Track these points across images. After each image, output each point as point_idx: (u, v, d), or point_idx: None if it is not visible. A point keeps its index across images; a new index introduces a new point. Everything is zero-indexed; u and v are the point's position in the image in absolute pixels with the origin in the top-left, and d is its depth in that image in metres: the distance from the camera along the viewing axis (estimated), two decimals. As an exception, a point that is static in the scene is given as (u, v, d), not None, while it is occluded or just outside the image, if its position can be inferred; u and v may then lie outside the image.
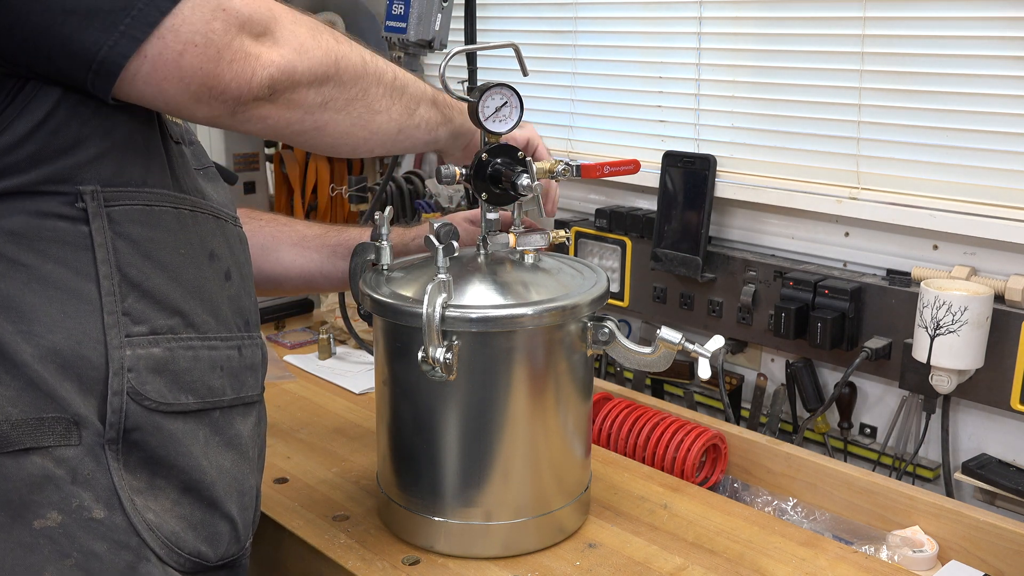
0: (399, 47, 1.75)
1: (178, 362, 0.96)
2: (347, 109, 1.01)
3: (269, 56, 0.90)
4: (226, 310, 1.04)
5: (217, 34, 0.87)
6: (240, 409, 1.05)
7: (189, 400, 0.97)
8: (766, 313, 1.68)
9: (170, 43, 0.85)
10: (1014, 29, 1.40)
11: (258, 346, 1.11)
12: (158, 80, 0.87)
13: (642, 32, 1.89)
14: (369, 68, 1.03)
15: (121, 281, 0.92)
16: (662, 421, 1.53)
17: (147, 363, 0.94)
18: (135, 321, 0.93)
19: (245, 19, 0.88)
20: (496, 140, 1.20)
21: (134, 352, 0.93)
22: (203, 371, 0.99)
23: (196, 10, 0.86)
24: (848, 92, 1.59)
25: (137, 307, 0.94)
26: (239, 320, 1.07)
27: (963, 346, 1.41)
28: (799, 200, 1.66)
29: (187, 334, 0.98)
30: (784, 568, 1.20)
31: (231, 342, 1.04)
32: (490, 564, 1.20)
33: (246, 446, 1.06)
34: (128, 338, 0.92)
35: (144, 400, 0.93)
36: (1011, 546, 1.24)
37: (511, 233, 1.24)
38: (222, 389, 1.02)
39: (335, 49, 0.98)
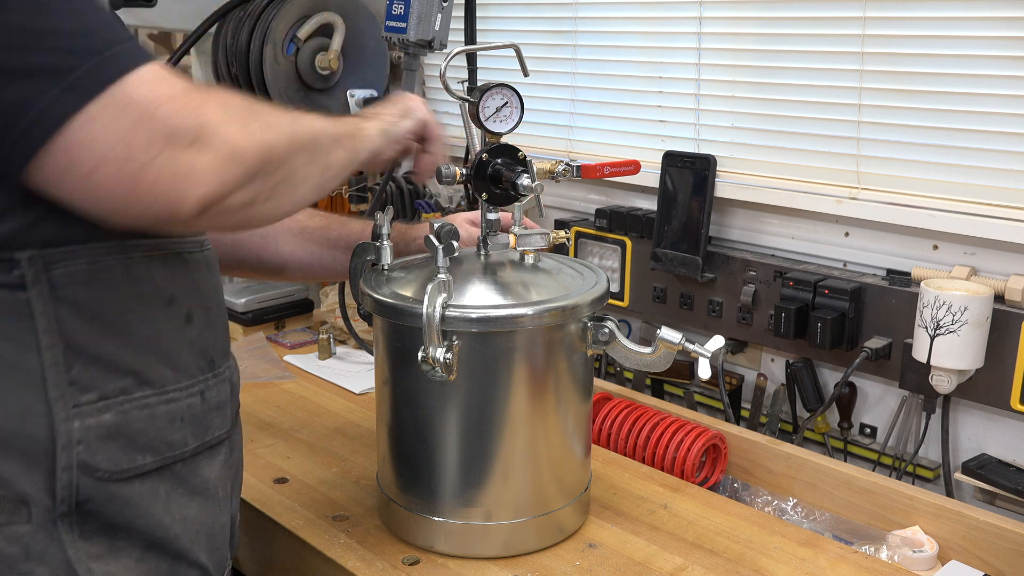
0: (399, 47, 1.75)
1: (132, 424, 0.91)
2: (272, 196, 0.90)
3: (201, 173, 0.79)
4: (186, 356, 0.98)
5: (139, 148, 0.76)
6: (205, 454, 1.00)
7: (147, 460, 0.93)
8: (766, 313, 1.68)
9: (76, 157, 0.76)
10: (1014, 29, 1.40)
11: (225, 380, 1.05)
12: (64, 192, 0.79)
13: (642, 32, 1.88)
14: (294, 143, 0.91)
15: (65, 350, 0.87)
16: (662, 421, 1.53)
17: (98, 432, 0.89)
18: (83, 390, 0.88)
19: (172, 129, 0.77)
20: (496, 140, 1.20)
21: (83, 423, 0.88)
22: (161, 428, 0.94)
23: (115, 120, 0.76)
24: (848, 92, 1.59)
25: (84, 375, 0.88)
26: (202, 362, 1.01)
27: (963, 346, 1.41)
28: (799, 200, 1.66)
29: (141, 392, 0.92)
30: (784, 568, 1.20)
31: (193, 389, 0.98)
32: (490, 564, 1.20)
33: (213, 488, 1.01)
34: (76, 408, 0.87)
35: (96, 472, 0.89)
36: (1011, 546, 1.24)
37: (511, 233, 1.24)
38: (183, 441, 0.97)
39: (264, 139, 0.86)
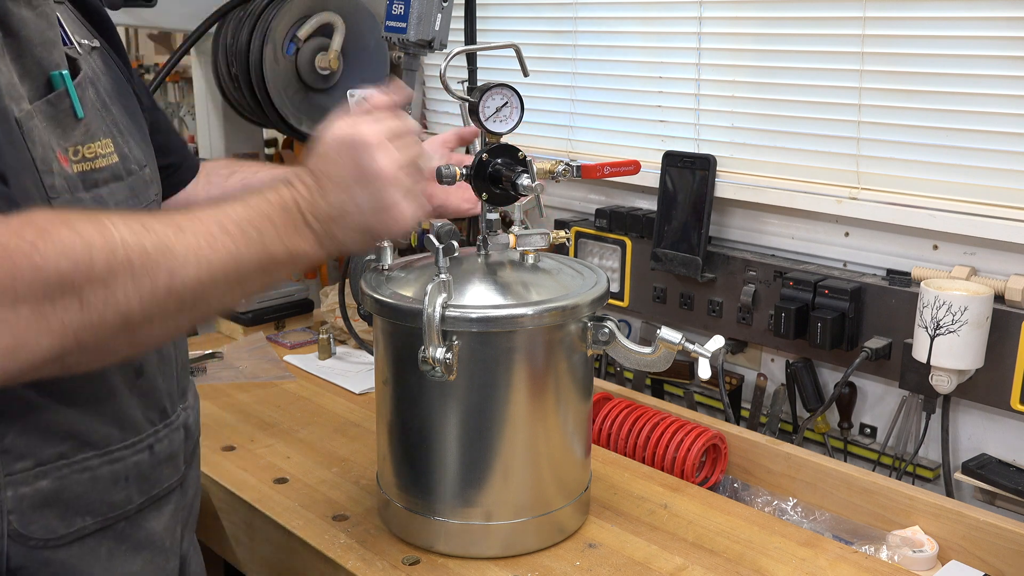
0: (399, 47, 1.75)
1: (71, 489, 0.88)
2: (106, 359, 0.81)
3: None
4: (134, 412, 0.94)
5: None
6: (152, 508, 0.97)
7: (86, 522, 0.90)
8: (766, 313, 1.68)
9: None
10: (1014, 29, 1.40)
11: (179, 427, 1.00)
12: None
13: (642, 32, 1.88)
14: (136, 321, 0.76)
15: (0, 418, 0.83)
16: (662, 421, 1.53)
17: (32, 500, 0.85)
18: (16, 457, 0.84)
19: None
20: (496, 140, 1.20)
21: (16, 492, 0.84)
22: (103, 489, 0.91)
23: None
24: (848, 92, 1.59)
25: (18, 442, 0.84)
26: (152, 414, 0.97)
27: (963, 346, 1.41)
28: (799, 200, 1.66)
29: (83, 455, 0.88)
30: (784, 568, 1.20)
31: (140, 444, 0.94)
32: (490, 564, 1.19)
33: (160, 540, 0.98)
34: (8, 477, 0.83)
35: (29, 541, 0.85)
36: (1011, 546, 1.24)
37: (511, 233, 1.24)
38: (127, 499, 0.93)
39: (77, 323, 0.73)
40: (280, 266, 0.86)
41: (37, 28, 0.89)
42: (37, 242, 0.70)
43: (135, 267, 0.74)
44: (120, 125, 0.98)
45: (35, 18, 0.89)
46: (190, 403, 1.07)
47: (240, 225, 0.82)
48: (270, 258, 0.84)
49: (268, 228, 0.84)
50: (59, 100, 0.88)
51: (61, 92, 0.88)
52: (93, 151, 0.90)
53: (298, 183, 0.88)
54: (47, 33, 0.90)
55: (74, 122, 0.89)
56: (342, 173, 0.89)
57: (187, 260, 0.77)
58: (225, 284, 0.81)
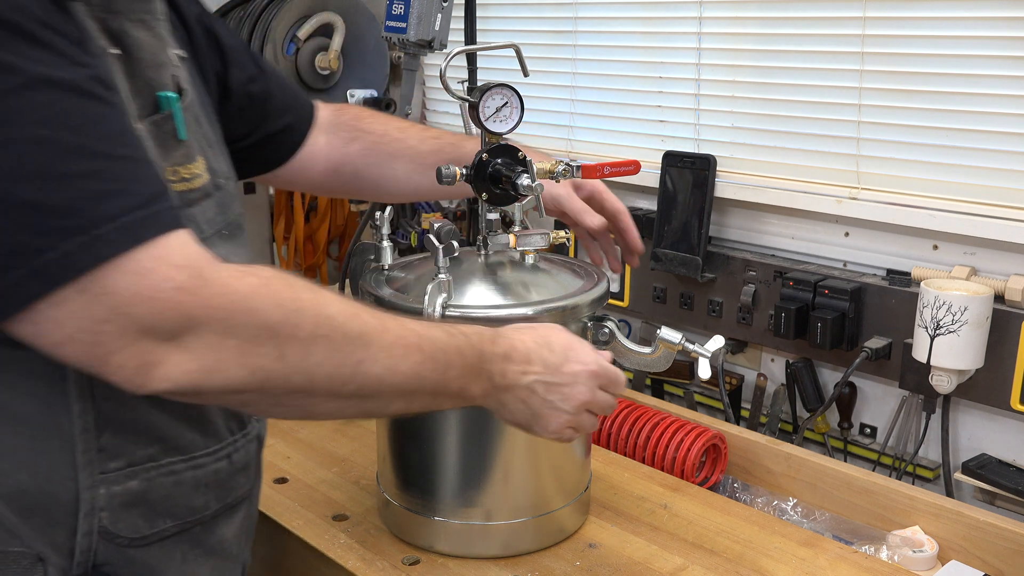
0: (399, 47, 1.75)
1: (157, 491, 0.90)
2: (272, 410, 0.87)
3: (168, 369, 0.76)
4: (218, 420, 0.97)
5: (108, 338, 0.73)
6: (225, 515, 1.00)
7: (168, 525, 0.92)
8: (766, 313, 1.68)
9: (47, 331, 0.73)
10: (1014, 29, 1.40)
11: (253, 439, 1.04)
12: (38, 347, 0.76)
13: (642, 32, 1.88)
14: (317, 391, 0.83)
15: (97, 417, 0.86)
16: (662, 421, 1.53)
17: (122, 499, 0.88)
18: (111, 457, 0.87)
19: (148, 326, 0.74)
20: (496, 140, 1.20)
21: (108, 490, 0.87)
22: (185, 493, 0.93)
23: (85, 310, 0.72)
24: (848, 92, 1.59)
25: (114, 442, 0.87)
26: (232, 424, 0.99)
27: (963, 346, 1.41)
28: (799, 200, 1.66)
29: (169, 459, 0.91)
30: (784, 568, 1.20)
31: (221, 452, 0.97)
32: (490, 564, 1.19)
33: (229, 546, 1.01)
34: (102, 475, 0.87)
35: (116, 538, 0.88)
36: (1011, 546, 1.24)
37: (511, 233, 1.24)
38: (206, 505, 0.96)
39: (269, 369, 0.79)
40: (447, 398, 0.93)
41: (151, 50, 0.91)
42: (259, 289, 0.78)
43: (334, 343, 0.82)
44: (209, 139, 1.01)
45: (150, 39, 0.91)
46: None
47: (434, 349, 0.89)
48: (443, 389, 0.91)
49: (457, 362, 0.91)
50: (164, 122, 0.91)
51: (167, 114, 0.91)
52: (190, 171, 0.93)
53: (503, 344, 0.96)
54: (160, 55, 0.92)
55: (175, 143, 0.92)
56: (547, 368, 0.98)
57: (377, 358, 0.84)
58: (398, 393, 0.88)
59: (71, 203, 0.72)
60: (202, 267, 0.76)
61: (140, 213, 0.74)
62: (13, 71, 0.71)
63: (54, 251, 0.71)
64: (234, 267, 0.79)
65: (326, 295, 0.84)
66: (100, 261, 0.72)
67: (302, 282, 0.83)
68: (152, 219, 0.75)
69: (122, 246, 0.73)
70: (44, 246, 0.71)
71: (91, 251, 0.72)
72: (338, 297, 0.85)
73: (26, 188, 0.71)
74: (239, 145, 1.20)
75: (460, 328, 0.94)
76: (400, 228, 2.12)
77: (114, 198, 0.74)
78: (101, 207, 0.73)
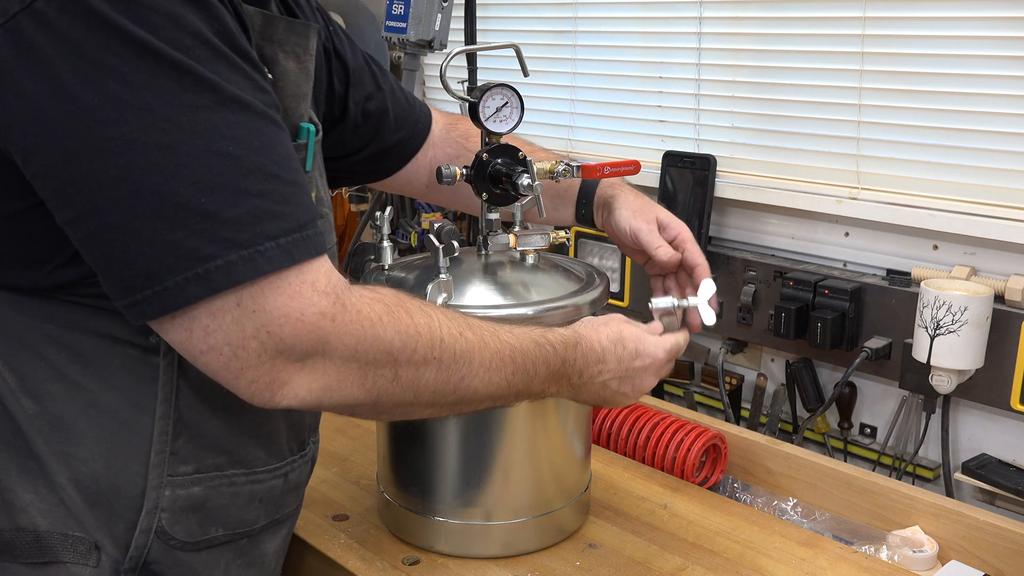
0: (399, 47, 1.75)
1: (216, 499, 0.94)
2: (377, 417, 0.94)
3: (295, 387, 0.81)
4: (282, 439, 1.01)
5: (249, 353, 0.78)
6: (271, 529, 1.03)
7: (218, 533, 0.96)
8: (766, 313, 1.68)
9: (196, 337, 0.78)
10: (1014, 29, 1.40)
11: (308, 460, 1.08)
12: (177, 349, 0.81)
13: (642, 32, 1.88)
14: (421, 402, 0.90)
15: (176, 421, 0.90)
16: (662, 421, 1.53)
17: (183, 503, 0.92)
18: (181, 461, 0.91)
19: (287, 347, 0.79)
20: (496, 140, 1.20)
21: (173, 492, 0.91)
22: (240, 506, 0.97)
23: (236, 323, 0.77)
24: (848, 92, 1.59)
25: (187, 447, 0.91)
26: (294, 444, 1.04)
27: (963, 346, 1.41)
28: (799, 200, 1.66)
29: (233, 470, 0.96)
30: (784, 568, 1.20)
31: (279, 471, 1.02)
32: (490, 564, 1.19)
33: (269, 562, 1.04)
34: (170, 477, 0.91)
35: (171, 540, 0.92)
36: (1011, 546, 1.24)
37: (511, 233, 1.24)
38: (255, 519, 1.00)
39: (383, 388, 0.86)
40: (527, 398, 1.00)
41: (295, 81, 0.96)
42: (384, 317, 0.84)
43: (443, 364, 0.88)
44: (320, 169, 1.07)
45: (297, 71, 0.96)
46: (316, 438, 1.14)
47: (525, 360, 0.95)
48: (527, 392, 0.98)
49: (542, 372, 0.97)
50: (298, 150, 0.96)
51: (302, 144, 0.96)
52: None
53: (584, 348, 1.02)
54: (303, 87, 0.98)
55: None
56: (620, 365, 1.05)
57: (477, 372, 0.91)
58: (489, 399, 0.95)
59: (241, 218, 0.76)
60: (340, 293, 0.81)
61: (297, 236, 0.79)
62: (213, 89, 0.76)
63: (219, 260, 0.75)
64: (366, 293, 0.85)
65: (436, 316, 0.89)
66: (259, 275, 0.77)
67: (417, 304, 0.89)
68: (306, 242, 0.79)
69: (279, 264, 0.77)
70: (212, 254, 0.75)
71: (252, 265, 0.76)
72: (446, 316, 0.91)
73: (207, 198, 0.75)
74: (352, 159, 1.28)
75: (547, 336, 0.99)
76: (400, 228, 2.12)
77: (279, 219, 0.78)
78: (267, 226, 0.77)
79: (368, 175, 1.37)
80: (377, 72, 1.29)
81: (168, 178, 0.74)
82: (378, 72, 1.30)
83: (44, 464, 0.88)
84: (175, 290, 0.76)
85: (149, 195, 0.74)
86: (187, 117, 0.75)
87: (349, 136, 1.26)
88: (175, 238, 0.75)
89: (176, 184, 0.74)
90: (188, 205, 0.75)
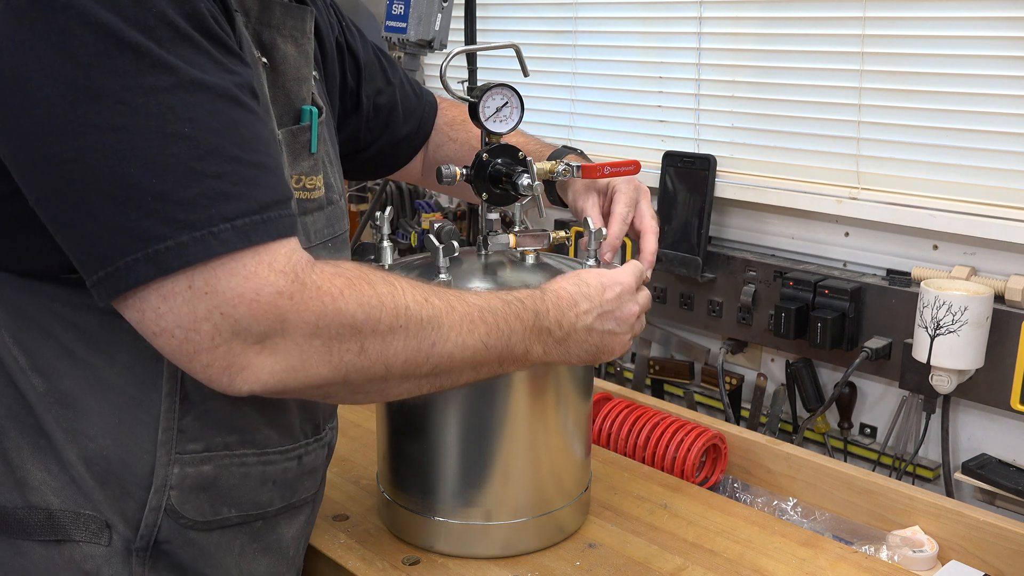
0: (399, 47, 1.75)
1: (227, 479, 0.94)
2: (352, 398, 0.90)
3: (256, 370, 0.80)
4: (294, 421, 1.01)
5: (201, 336, 0.77)
6: (287, 514, 1.03)
7: (231, 514, 0.96)
8: (766, 313, 1.68)
9: (148, 319, 0.78)
10: (1014, 29, 1.40)
11: (324, 444, 1.08)
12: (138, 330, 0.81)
13: (642, 32, 1.89)
14: (394, 376, 0.88)
15: (183, 399, 0.90)
16: (662, 421, 1.53)
17: (193, 481, 0.92)
18: (190, 439, 0.92)
19: (243, 328, 0.78)
20: (496, 140, 1.20)
21: (182, 470, 0.91)
22: (252, 487, 0.97)
23: (187, 305, 0.76)
24: (848, 92, 1.59)
25: (195, 425, 0.92)
26: (307, 427, 1.04)
27: (963, 346, 1.41)
28: (799, 200, 1.66)
29: (243, 450, 0.95)
30: (784, 568, 1.20)
31: (292, 453, 1.01)
32: (490, 564, 1.20)
33: (286, 548, 1.04)
34: (179, 455, 0.91)
35: (181, 518, 0.92)
36: (1011, 546, 1.24)
37: (511, 233, 1.24)
38: (269, 501, 1.00)
39: (351, 363, 0.84)
40: (511, 362, 0.98)
41: (295, 64, 0.97)
42: (345, 290, 0.83)
43: (410, 331, 0.87)
44: (330, 156, 1.08)
45: (296, 55, 0.97)
46: (335, 424, 1.14)
47: (496, 317, 0.94)
48: (508, 355, 0.96)
49: (517, 327, 0.96)
50: (301, 133, 0.97)
51: (305, 127, 0.97)
52: (313, 183, 0.99)
53: (552, 296, 1.01)
54: (303, 70, 0.99)
55: (306, 155, 0.98)
56: (593, 303, 1.03)
57: (448, 336, 0.89)
58: (469, 365, 0.93)
59: (195, 199, 0.76)
60: (299, 272, 0.80)
61: (256, 218, 0.78)
62: (172, 71, 0.76)
63: (170, 241, 0.75)
64: (327, 268, 0.84)
65: (400, 284, 0.88)
66: (210, 257, 0.76)
67: (379, 275, 0.88)
68: (266, 224, 0.78)
69: (233, 246, 0.76)
70: (164, 235, 0.75)
71: (203, 246, 0.76)
72: (410, 284, 0.89)
73: (159, 179, 0.75)
74: (362, 156, 1.30)
75: (512, 294, 0.98)
76: (400, 228, 2.12)
77: (235, 200, 0.77)
78: (222, 208, 0.76)
79: (378, 170, 1.39)
80: (387, 66, 1.31)
81: (121, 160, 0.74)
82: (388, 66, 1.31)
83: (54, 442, 0.89)
84: (125, 271, 0.76)
85: (102, 177, 0.75)
86: (142, 99, 0.75)
87: (363, 131, 1.28)
88: (127, 219, 0.75)
89: (129, 166, 0.75)
90: (140, 186, 0.75)
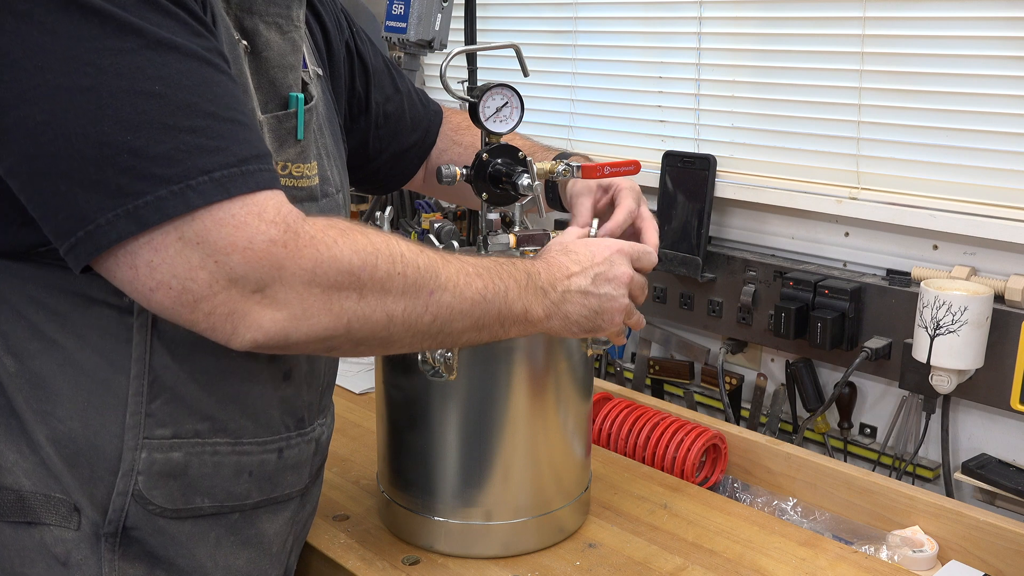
0: (399, 47, 1.75)
1: (197, 468, 0.93)
2: (356, 350, 0.90)
3: (257, 318, 0.80)
4: (272, 413, 1.00)
5: (199, 284, 0.77)
6: (268, 508, 1.02)
7: (204, 503, 0.95)
8: (766, 313, 1.68)
9: (143, 274, 0.77)
10: (1014, 29, 1.40)
11: (311, 440, 1.06)
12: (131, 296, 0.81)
13: (642, 32, 1.88)
14: (395, 325, 0.88)
15: (152, 382, 0.90)
16: (662, 421, 1.53)
17: (161, 468, 0.91)
18: (159, 424, 0.91)
19: (239, 276, 0.78)
20: (497, 140, 1.20)
21: (149, 455, 0.90)
22: (225, 477, 0.96)
23: (180, 255, 0.77)
24: (848, 92, 1.59)
25: (164, 410, 0.91)
26: (289, 420, 1.02)
27: (963, 346, 1.41)
28: (799, 200, 1.66)
29: (215, 439, 0.94)
30: (784, 568, 1.20)
31: (270, 445, 1.00)
32: (490, 564, 1.19)
33: (268, 543, 1.02)
34: (147, 440, 0.90)
35: (148, 505, 0.91)
36: (1011, 546, 1.24)
37: (511, 233, 1.24)
38: (247, 494, 0.98)
39: (352, 311, 0.84)
40: (514, 322, 0.97)
41: (280, 51, 0.97)
42: (339, 239, 0.83)
43: (408, 278, 0.87)
44: (328, 150, 1.08)
45: (281, 42, 0.97)
46: (327, 422, 1.13)
47: (490, 274, 0.95)
48: (508, 311, 0.96)
49: (512, 285, 0.96)
50: (286, 119, 0.97)
51: (291, 113, 0.97)
52: (301, 171, 0.99)
53: (541, 262, 1.02)
54: (288, 58, 0.98)
55: (292, 141, 0.98)
56: (583, 265, 1.04)
57: (446, 286, 0.90)
58: (469, 319, 0.92)
59: (170, 154, 0.76)
60: (291, 222, 0.80)
61: (235, 170, 0.78)
62: (138, 33, 0.76)
63: (149, 195, 0.75)
64: (320, 220, 0.84)
65: (393, 237, 0.89)
66: (191, 209, 0.76)
67: (372, 228, 0.88)
68: (245, 177, 0.79)
69: (212, 197, 0.77)
70: (141, 190, 0.75)
71: (183, 199, 0.76)
72: (403, 238, 0.90)
73: (133, 136, 0.75)
74: (372, 165, 1.30)
75: (501, 259, 0.99)
76: (400, 228, 2.12)
77: (212, 154, 0.78)
78: (199, 161, 0.77)
79: (388, 181, 1.37)
80: (395, 75, 1.31)
81: (93, 120, 0.75)
82: (396, 75, 1.31)
83: (25, 423, 0.89)
84: (106, 227, 0.76)
85: (75, 137, 0.75)
86: (109, 60, 0.75)
87: (372, 138, 1.28)
88: (103, 177, 0.75)
89: (101, 125, 0.75)
90: (114, 144, 0.75)
